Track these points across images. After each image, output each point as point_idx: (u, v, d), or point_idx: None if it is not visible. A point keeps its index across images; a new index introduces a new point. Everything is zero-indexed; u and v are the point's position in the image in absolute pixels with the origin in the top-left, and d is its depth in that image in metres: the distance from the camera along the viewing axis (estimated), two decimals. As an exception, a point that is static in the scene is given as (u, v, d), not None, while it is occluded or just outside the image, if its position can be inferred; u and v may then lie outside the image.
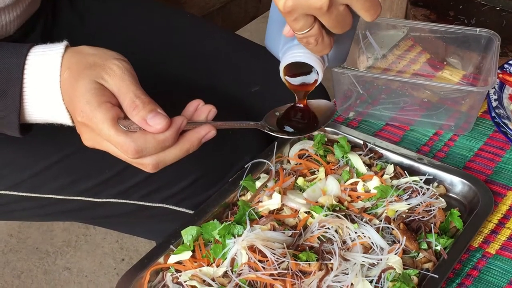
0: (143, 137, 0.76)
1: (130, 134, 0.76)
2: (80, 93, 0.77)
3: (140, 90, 0.78)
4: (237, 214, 0.95)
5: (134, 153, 0.76)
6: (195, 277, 0.87)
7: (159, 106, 0.78)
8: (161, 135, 0.77)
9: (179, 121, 0.78)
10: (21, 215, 1.14)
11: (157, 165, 0.79)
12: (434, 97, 1.16)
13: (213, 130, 0.81)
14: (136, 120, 0.76)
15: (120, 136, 0.76)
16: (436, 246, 0.91)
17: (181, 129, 0.79)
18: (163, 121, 0.76)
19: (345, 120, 1.18)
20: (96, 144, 0.80)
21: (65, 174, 1.03)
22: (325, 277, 0.85)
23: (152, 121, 0.76)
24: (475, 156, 1.09)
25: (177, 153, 0.79)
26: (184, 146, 0.80)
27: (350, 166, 1.04)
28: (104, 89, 0.77)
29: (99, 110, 0.75)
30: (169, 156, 0.79)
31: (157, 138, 0.77)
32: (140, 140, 0.76)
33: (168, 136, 0.77)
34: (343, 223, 0.92)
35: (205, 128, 0.81)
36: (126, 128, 0.76)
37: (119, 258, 1.97)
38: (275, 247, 0.88)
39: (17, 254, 1.99)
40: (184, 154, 0.80)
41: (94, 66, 0.78)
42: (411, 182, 1.00)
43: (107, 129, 0.76)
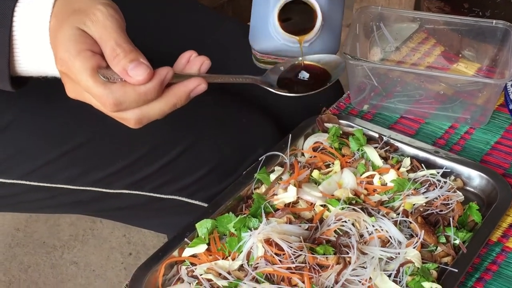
0: (123, 89, 0.71)
1: (109, 85, 0.71)
2: (60, 41, 0.72)
3: (123, 37, 0.73)
4: (252, 207, 0.94)
5: (112, 106, 0.72)
6: (210, 270, 0.86)
7: (142, 55, 0.72)
8: (143, 87, 0.72)
9: (163, 72, 0.73)
10: (32, 206, 1.12)
11: (140, 120, 0.74)
12: (450, 90, 1.15)
13: (203, 84, 0.75)
14: (117, 70, 0.72)
15: (98, 87, 0.71)
16: (454, 240, 0.90)
17: (165, 81, 0.73)
18: (144, 72, 0.71)
19: (359, 113, 1.17)
20: (78, 96, 0.76)
21: (77, 163, 1.02)
22: (343, 271, 0.83)
23: (133, 71, 0.71)
24: (492, 150, 1.07)
25: (162, 107, 0.74)
26: (170, 100, 0.74)
27: (365, 159, 1.02)
28: (86, 36, 0.72)
29: (78, 58, 0.71)
30: (153, 110, 0.74)
31: (137, 90, 0.72)
32: (119, 92, 0.71)
33: (150, 88, 0.72)
34: (360, 217, 0.91)
35: (195, 81, 0.75)
36: (106, 79, 0.71)
37: (127, 252, 1.96)
38: (292, 240, 0.87)
39: (24, 248, 1.98)
40: (171, 109, 0.75)
41: (78, 12, 0.73)
42: (428, 175, 0.99)
43: (85, 79, 0.71)
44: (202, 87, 0.75)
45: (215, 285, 0.84)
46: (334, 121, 1.09)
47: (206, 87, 0.75)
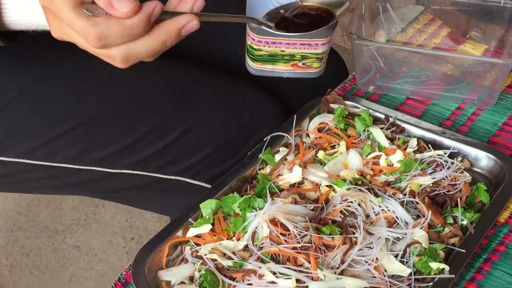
0: (107, 22, 0.67)
1: (92, 18, 0.67)
2: None
3: None
4: (257, 187, 0.93)
5: (96, 40, 0.67)
6: (215, 250, 0.85)
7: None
8: (128, 20, 0.67)
9: (151, 6, 0.68)
10: (33, 185, 1.11)
11: (127, 58, 0.70)
12: (457, 71, 1.13)
13: (195, 20, 0.71)
14: (101, 3, 0.67)
15: (81, 20, 0.67)
16: (462, 221, 0.88)
17: (153, 15, 0.69)
18: (130, 4, 0.67)
19: (364, 94, 1.15)
20: (62, 34, 0.71)
21: (79, 142, 1.00)
22: (349, 251, 0.82)
23: (118, 3, 0.67)
24: (499, 131, 1.06)
25: (151, 44, 0.70)
26: (159, 36, 0.70)
27: (371, 140, 1.01)
28: None
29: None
30: (140, 47, 0.70)
31: (123, 23, 0.67)
32: (102, 25, 0.67)
33: (137, 21, 0.67)
34: (366, 197, 0.89)
35: (186, 17, 0.70)
36: (90, 13, 0.67)
37: (129, 237, 1.96)
38: (297, 220, 0.86)
39: (25, 232, 1.97)
40: (160, 46, 0.71)
41: None
42: (435, 156, 0.97)
43: (67, 12, 0.67)
44: (194, 24, 0.71)
45: (220, 265, 0.83)
46: (340, 102, 1.08)
47: (198, 24, 0.71)
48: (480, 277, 0.84)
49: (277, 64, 0.98)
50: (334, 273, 0.80)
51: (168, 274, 0.84)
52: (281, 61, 0.97)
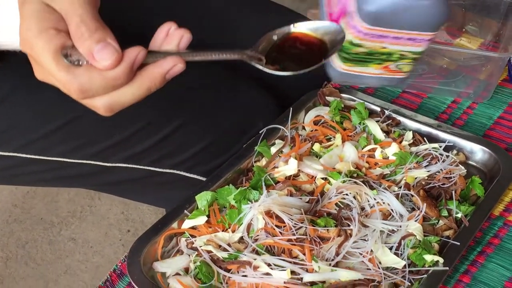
0: (88, 74, 0.64)
1: (72, 70, 0.64)
2: (24, 17, 0.65)
3: (90, 13, 0.64)
4: (253, 180, 0.93)
5: (78, 92, 0.64)
6: (210, 242, 0.85)
7: (111, 35, 0.64)
8: (111, 71, 0.64)
9: (133, 53, 0.64)
10: (28, 178, 1.11)
11: (111, 108, 0.67)
12: (453, 65, 1.13)
13: (180, 64, 0.66)
14: (82, 52, 0.64)
15: (61, 72, 0.64)
16: (456, 214, 0.89)
17: (136, 63, 0.65)
18: (112, 55, 0.63)
19: (360, 87, 1.15)
20: (45, 78, 0.68)
21: (74, 136, 1.00)
22: (344, 243, 0.82)
23: (99, 54, 0.63)
24: (494, 124, 1.06)
25: (135, 92, 0.66)
26: (143, 83, 0.66)
27: (367, 132, 1.01)
28: (51, 11, 0.65)
29: (40, 38, 0.64)
30: (124, 96, 0.66)
31: (105, 75, 0.64)
32: (83, 77, 0.64)
33: (119, 72, 0.64)
34: (361, 189, 0.90)
35: (170, 61, 0.66)
36: (70, 61, 0.64)
37: (125, 229, 1.96)
38: (293, 212, 0.86)
39: (21, 224, 1.97)
40: (145, 93, 0.67)
41: None
42: (430, 149, 0.98)
43: (48, 62, 0.64)
44: (179, 68, 0.67)
45: (215, 256, 0.83)
46: (336, 94, 1.08)
47: (183, 67, 0.67)
48: (474, 270, 0.85)
49: (369, 66, 0.81)
50: (328, 265, 0.80)
51: (163, 266, 0.84)
52: (374, 62, 0.80)
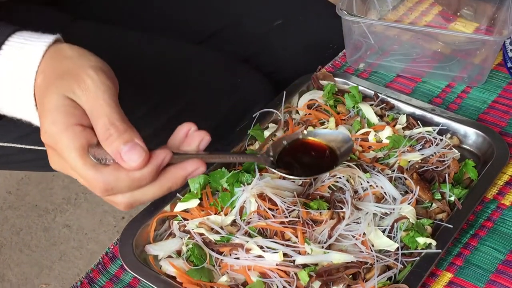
0: (115, 174, 0.64)
1: (100, 169, 0.64)
2: (47, 110, 0.65)
3: (117, 113, 0.65)
4: (246, 163, 0.92)
5: (102, 190, 0.64)
6: (203, 224, 0.85)
7: (138, 135, 0.65)
8: (137, 172, 0.64)
9: (161, 156, 0.65)
10: (22, 166, 1.11)
11: (131, 205, 0.67)
12: (447, 49, 1.13)
13: (202, 167, 0.67)
14: (110, 151, 0.64)
15: (88, 170, 0.63)
16: (450, 197, 0.88)
17: (162, 165, 0.66)
18: (140, 157, 0.63)
19: (355, 71, 1.15)
20: (64, 170, 0.67)
21: None
22: (337, 226, 0.82)
23: (128, 155, 0.63)
24: (489, 108, 1.06)
25: (156, 192, 0.67)
26: (165, 184, 0.67)
27: (361, 116, 1.01)
28: (75, 106, 0.65)
29: (66, 134, 0.63)
30: (146, 195, 0.67)
31: (131, 176, 0.64)
32: (110, 177, 0.64)
33: (146, 174, 0.64)
34: (354, 173, 0.89)
35: (193, 164, 0.67)
36: (96, 160, 0.64)
37: (119, 216, 1.95)
38: (285, 195, 0.86)
39: (16, 211, 1.97)
40: (165, 192, 0.67)
41: (66, 76, 0.66)
42: (424, 133, 0.97)
43: (74, 159, 0.63)
44: (201, 170, 0.68)
45: (207, 239, 0.83)
46: (330, 78, 1.08)
47: (205, 170, 0.68)
48: (467, 252, 0.85)
49: None
50: (321, 247, 0.80)
51: (155, 249, 0.84)
52: None
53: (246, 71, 1.15)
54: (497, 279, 0.81)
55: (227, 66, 1.15)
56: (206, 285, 0.79)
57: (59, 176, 2.05)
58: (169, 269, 0.81)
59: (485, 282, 0.81)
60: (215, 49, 1.18)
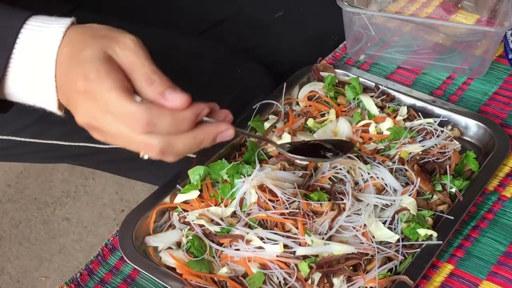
0: (159, 109, 0.66)
1: (145, 103, 0.65)
2: (86, 59, 0.66)
3: (157, 69, 0.68)
4: (246, 154, 0.92)
5: (144, 124, 0.65)
6: (203, 216, 0.84)
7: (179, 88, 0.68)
8: (180, 113, 0.66)
9: (201, 107, 0.68)
10: (22, 158, 1.11)
11: (165, 149, 0.68)
12: (448, 41, 1.12)
13: (231, 129, 0.71)
14: (152, 95, 0.66)
15: (132, 105, 0.65)
16: (451, 188, 0.88)
17: (201, 116, 0.69)
18: (183, 97, 0.66)
19: (355, 63, 1.14)
20: (93, 120, 0.68)
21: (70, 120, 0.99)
22: (337, 217, 0.82)
23: (171, 95, 0.66)
24: (490, 100, 1.05)
25: (189, 141, 0.68)
26: (198, 135, 0.69)
27: (361, 108, 1.00)
28: (113, 62, 0.67)
29: (109, 77, 0.65)
30: (180, 141, 0.68)
31: (175, 115, 0.66)
32: (155, 111, 0.65)
33: (187, 115, 0.67)
34: (355, 164, 0.89)
35: (225, 125, 0.71)
36: None
37: (119, 209, 1.95)
38: (286, 187, 0.85)
39: (15, 204, 1.96)
40: (197, 146, 0.69)
41: (106, 37, 0.68)
42: (425, 124, 0.97)
43: (115, 97, 0.65)
44: (230, 133, 0.71)
45: (207, 230, 0.83)
46: (330, 70, 1.07)
47: (234, 133, 0.71)
48: (468, 244, 0.84)
49: None
50: (321, 238, 0.80)
51: (155, 240, 0.84)
52: None
53: (246, 63, 1.15)
54: (498, 270, 0.81)
55: (227, 58, 1.15)
56: (206, 276, 0.78)
57: (58, 169, 2.05)
58: (169, 261, 0.81)
59: (486, 273, 0.81)
60: (216, 41, 1.18)
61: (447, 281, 0.80)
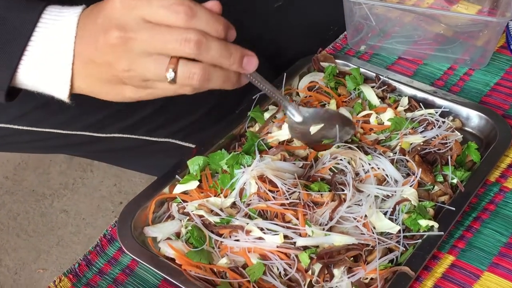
0: (199, 4, 0.68)
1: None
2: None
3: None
4: (245, 145, 0.91)
5: (187, 9, 0.66)
6: (202, 206, 0.83)
7: None
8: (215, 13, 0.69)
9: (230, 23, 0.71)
10: (21, 147, 1.10)
11: (201, 43, 0.67)
12: (449, 31, 1.11)
13: (256, 58, 0.72)
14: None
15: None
16: (452, 179, 0.87)
17: (232, 31, 0.71)
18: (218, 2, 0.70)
19: (356, 53, 1.13)
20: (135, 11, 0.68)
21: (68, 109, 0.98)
22: (338, 208, 0.81)
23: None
24: (491, 91, 1.05)
25: (222, 47, 0.69)
26: (230, 46, 0.70)
27: (362, 98, 1.00)
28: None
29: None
30: (214, 43, 0.68)
31: (212, 12, 0.69)
32: (195, 3, 0.67)
33: (222, 18, 0.69)
34: (356, 155, 0.88)
35: (251, 51, 0.73)
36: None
37: (117, 201, 1.94)
38: (286, 177, 0.85)
39: (13, 196, 1.96)
40: (227, 54, 0.69)
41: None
42: (426, 115, 0.96)
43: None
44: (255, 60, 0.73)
45: (207, 221, 0.82)
46: (330, 60, 1.06)
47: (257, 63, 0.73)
48: (470, 235, 0.84)
49: None
50: (322, 229, 0.79)
51: (154, 231, 0.83)
52: None
53: None
54: (500, 262, 0.80)
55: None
56: (205, 267, 0.78)
57: (56, 161, 2.04)
58: (168, 251, 0.80)
59: (488, 264, 0.80)
60: None
61: (448, 272, 0.80)
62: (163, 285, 0.80)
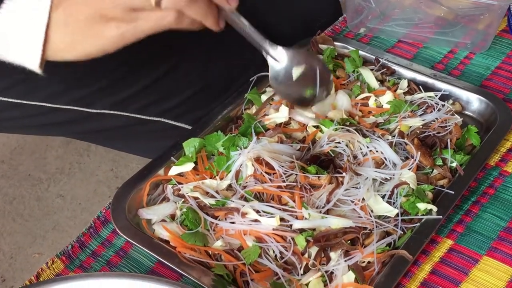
0: None
1: None
2: None
3: None
4: (242, 127, 0.90)
5: None
6: (197, 188, 0.82)
7: None
8: None
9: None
10: (11, 124, 1.08)
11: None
12: (450, 14, 1.10)
13: None
14: None
15: None
16: (451, 163, 0.86)
17: None
18: None
19: (355, 36, 1.12)
20: None
21: (58, 80, 0.97)
22: (336, 191, 0.80)
23: None
24: (492, 75, 1.03)
25: None
26: None
27: (361, 81, 0.98)
28: None
29: None
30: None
31: None
32: None
33: None
34: (354, 137, 0.87)
35: None
36: None
37: (114, 186, 1.93)
38: (283, 159, 0.83)
39: (9, 180, 1.94)
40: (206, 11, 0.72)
41: None
42: (425, 98, 0.95)
43: None
44: None
45: (202, 203, 0.81)
46: (329, 42, 1.05)
47: None
48: (469, 219, 0.83)
49: None
50: (319, 212, 0.78)
51: (148, 213, 0.82)
52: None
53: None
54: (499, 246, 0.79)
55: None
56: (200, 249, 0.77)
57: (53, 146, 2.02)
58: (162, 233, 0.79)
59: (487, 249, 0.79)
60: None
61: (447, 256, 0.79)
62: (157, 267, 0.79)
